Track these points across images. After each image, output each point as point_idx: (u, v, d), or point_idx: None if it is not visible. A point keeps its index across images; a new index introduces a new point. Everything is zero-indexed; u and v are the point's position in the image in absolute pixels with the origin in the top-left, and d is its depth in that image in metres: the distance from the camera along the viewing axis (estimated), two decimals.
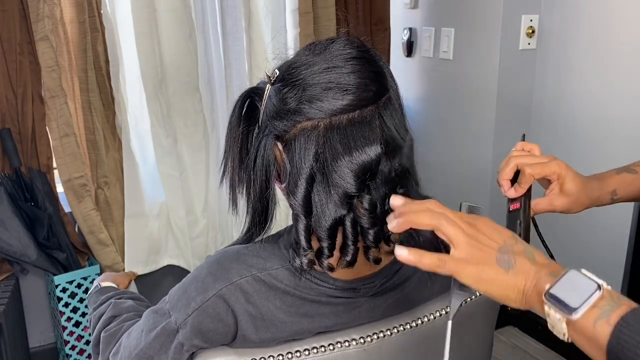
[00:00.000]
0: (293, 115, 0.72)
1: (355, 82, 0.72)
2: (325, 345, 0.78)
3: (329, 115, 0.71)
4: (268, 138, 0.75)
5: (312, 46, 0.77)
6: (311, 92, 0.72)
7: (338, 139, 0.72)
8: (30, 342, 2.14)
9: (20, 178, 1.91)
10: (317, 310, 0.78)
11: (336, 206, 0.73)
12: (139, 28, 1.98)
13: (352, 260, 0.75)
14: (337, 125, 0.72)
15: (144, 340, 0.80)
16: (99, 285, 1.13)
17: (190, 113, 2.13)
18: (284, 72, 0.76)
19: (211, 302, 0.76)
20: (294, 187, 0.73)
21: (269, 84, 0.77)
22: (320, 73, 0.73)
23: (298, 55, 0.77)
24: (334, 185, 0.73)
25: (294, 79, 0.74)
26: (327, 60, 0.73)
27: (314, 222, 0.74)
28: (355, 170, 0.72)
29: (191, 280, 0.80)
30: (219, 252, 0.82)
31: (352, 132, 0.72)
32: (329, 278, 0.78)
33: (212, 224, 2.28)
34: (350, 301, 0.79)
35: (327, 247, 0.74)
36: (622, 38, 1.89)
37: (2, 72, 1.82)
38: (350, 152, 0.72)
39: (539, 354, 2.28)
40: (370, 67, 0.75)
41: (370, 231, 0.75)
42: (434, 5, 2.35)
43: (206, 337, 0.77)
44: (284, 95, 0.74)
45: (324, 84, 0.72)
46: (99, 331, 0.94)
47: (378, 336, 0.79)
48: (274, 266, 0.77)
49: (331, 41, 0.76)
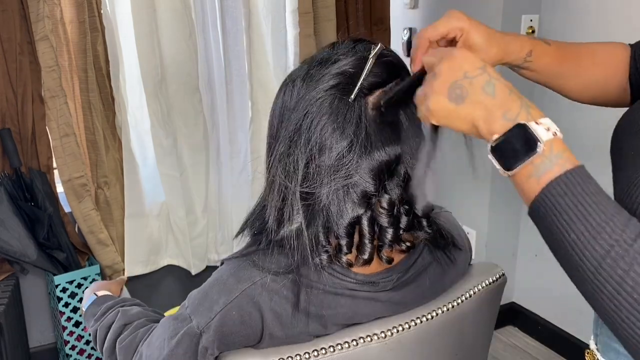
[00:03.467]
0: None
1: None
2: (348, 342, 0.79)
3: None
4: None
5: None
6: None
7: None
8: (30, 342, 2.14)
9: (20, 178, 1.91)
10: (339, 302, 0.79)
11: (354, 205, 0.75)
12: (139, 28, 1.98)
13: (369, 259, 0.77)
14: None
15: (167, 347, 0.80)
16: (94, 295, 1.10)
17: (190, 113, 2.13)
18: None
19: (235, 304, 0.76)
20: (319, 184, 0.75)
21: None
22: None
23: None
24: (353, 184, 0.74)
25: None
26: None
27: (332, 220, 0.75)
28: (375, 170, 0.74)
29: (212, 283, 0.80)
30: (234, 260, 0.81)
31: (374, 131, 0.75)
32: (349, 272, 0.79)
33: (212, 224, 2.28)
34: (370, 295, 0.80)
35: (346, 245, 0.76)
36: (622, 38, 1.88)
37: (2, 72, 1.82)
38: (372, 151, 0.74)
39: (539, 354, 2.28)
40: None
41: (389, 230, 0.77)
42: (434, 5, 2.35)
43: (229, 340, 0.77)
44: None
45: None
46: (111, 341, 0.93)
47: (398, 330, 0.82)
48: (291, 264, 0.77)
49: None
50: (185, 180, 2.18)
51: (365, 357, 0.80)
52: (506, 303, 2.42)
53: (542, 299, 2.31)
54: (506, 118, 0.59)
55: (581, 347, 2.54)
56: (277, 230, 0.78)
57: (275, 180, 0.77)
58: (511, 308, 2.44)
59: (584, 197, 0.54)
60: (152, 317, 0.96)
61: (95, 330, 0.99)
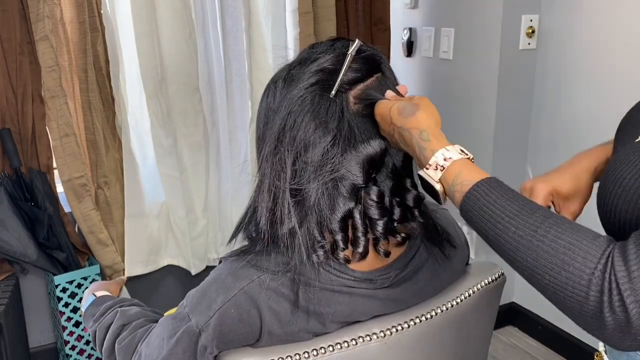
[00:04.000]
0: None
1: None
2: (347, 341, 0.80)
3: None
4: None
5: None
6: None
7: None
8: (30, 342, 2.14)
9: (20, 178, 1.91)
10: (337, 299, 0.79)
11: (345, 199, 0.76)
12: (139, 28, 1.98)
13: (364, 252, 0.78)
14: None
15: (166, 347, 0.80)
16: (93, 296, 1.10)
17: (190, 113, 2.13)
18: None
19: (233, 302, 0.76)
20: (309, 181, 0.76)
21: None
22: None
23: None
24: (341, 178, 0.75)
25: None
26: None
27: (324, 216, 0.76)
28: (361, 163, 0.76)
29: (210, 282, 0.80)
30: (232, 259, 0.81)
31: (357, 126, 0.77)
32: (347, 269, 0.79)
33: (212, 224, 2.28)
34: (368, 292, 0.81)
35: (342, 240, 0.77)
36: (622, 38, 1.89)
37: (2, 72, 1.82)
38: (356, 145, 0.76)
39: (539, 354, 2.28)
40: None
41: (379, 222, 0.78)
42: (434, 5, 2.35)
43: (228, 339, 0.77)
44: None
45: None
46: (111, 341, 0.93)
47: (397, 329, 0.82)
48: (288, 263, 0.77)
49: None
50: (185, 180, 2.18)
51: (364, 356, 0.80)
52: (506, 303, 2.42)
53: (542, 299, 2.29)
54: (418, 166, 0.74)
55: (581, 347, 2.55)
56: (270, 230, 0.78)
57: (264, 180, 0.78)
58: (511, 308, 2.44)
59: (487, 207, 0.64)
60: (151, 317, 0.96)
61: (95, 330, 0.99)
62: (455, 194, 0.67)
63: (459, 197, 0.67)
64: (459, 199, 0.67)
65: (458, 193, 0.67)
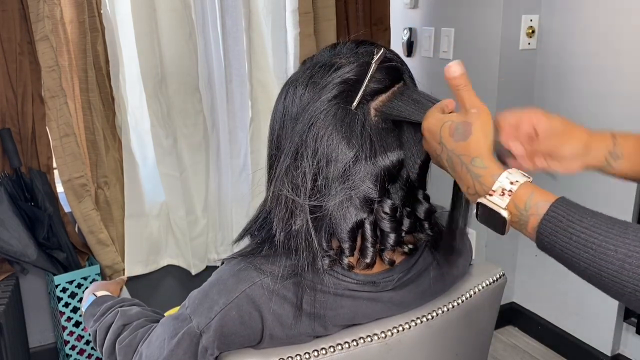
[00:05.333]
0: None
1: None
2: (348, 342, 0.79)
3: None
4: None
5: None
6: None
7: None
8: (30, 342, 2.14)
9: (20, 178, 1.91)
10: (340, 303, 0.79)
11: (357, 210, 0.75)
12: (139, 28, 1.98)
13: (371, 263, 0.77)
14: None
15: (167, 347, 0.80)
16: (93, 295, 1.10)
17: (190, 113, 2.13)
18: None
19: (235, 304, 0.76)
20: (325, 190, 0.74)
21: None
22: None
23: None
24: (355, 189, 0.74)
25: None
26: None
27: (335, 225, 0.75)
28: (377, 175, 0.74)
29: (213, 283, 0.80)
30: (235, 261, 0.81)
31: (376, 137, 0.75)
32: (350, 273, 0.79)
33: (212, 224, 2.28)
34: (372, 295, 0.80)
35: (348, 248, 0.76)
36: (622, 38, 1.89)
37: (2, 72, 1.82)
38: (375, 157, 0.74)
39: (539, 354, 2.28)
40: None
41: (391, 235, 0.77)
42: (434, 5, 2.35)
43: (229, 340, 0.77)
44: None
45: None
46: (111, 341, 0.93)
47: (398, 330, 0.82)
48: (294, 267, 0.77)
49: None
50: (185, 180, 2.18)
51: (365, 357, 0.80)
52: (506, 303, 2.42)
53: (542, 299, 2.31)
54: (468, 193, 0.67)
55: (581, 346, 2.55)
56: (284, 241, 0.77)
57: (281, 194, 0.76)
58: (511, 308, 2.44)
59: (573, 227, 0.57)
60: (151, 317, 0.95)
61: (95, 330, 0.98)
62: (530, 218, 0.60)
63: (534, 222, 0.60)
64: (534, 223, 0.60)
65: (533, 217, 0.60)
